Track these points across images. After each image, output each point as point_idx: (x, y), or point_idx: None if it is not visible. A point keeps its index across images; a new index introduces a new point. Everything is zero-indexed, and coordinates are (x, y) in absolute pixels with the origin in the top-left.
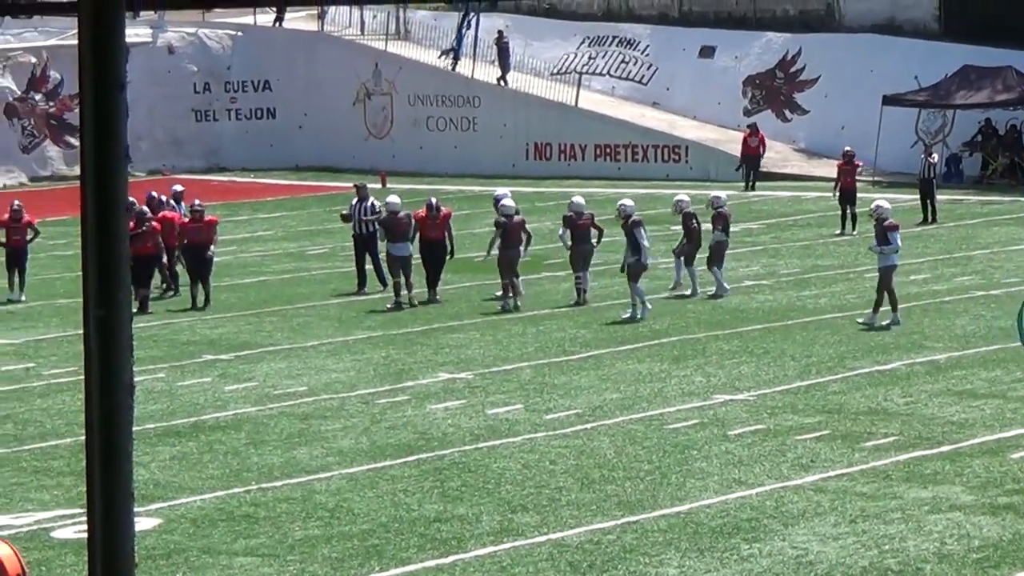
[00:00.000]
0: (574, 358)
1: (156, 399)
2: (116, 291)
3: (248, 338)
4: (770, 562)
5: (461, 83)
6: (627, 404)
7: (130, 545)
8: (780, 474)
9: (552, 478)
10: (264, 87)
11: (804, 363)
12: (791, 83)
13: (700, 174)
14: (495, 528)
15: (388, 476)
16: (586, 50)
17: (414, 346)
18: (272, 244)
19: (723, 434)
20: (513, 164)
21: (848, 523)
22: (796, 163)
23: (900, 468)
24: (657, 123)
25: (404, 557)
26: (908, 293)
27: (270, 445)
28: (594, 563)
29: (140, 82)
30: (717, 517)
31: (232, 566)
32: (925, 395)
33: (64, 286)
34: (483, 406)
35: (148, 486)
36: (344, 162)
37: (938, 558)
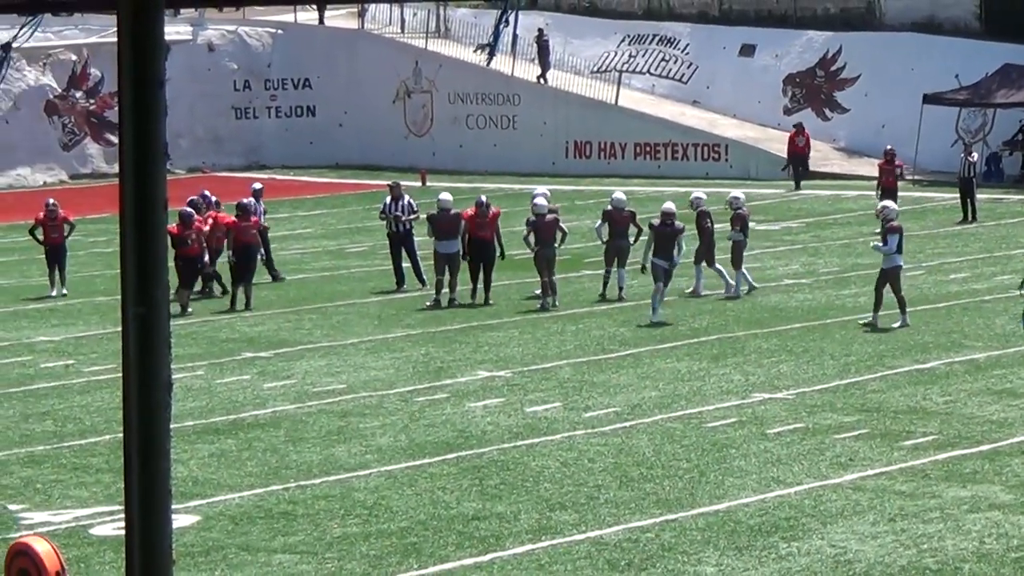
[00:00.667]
0: (613, 356)
1: (195, 396)
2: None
3: (287, 336)
4: (808, 561)
5: (501, 81)
6: (666, 402)
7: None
8: (819, 473)
9: (591, 476)
10: (304, 85)
11: (843, 362)
12: (831, 81)
13: (740, 172)
14: (533, 526)
15: (427, 474)
16: (626, 48)
17: (453, 344)
18: (311, 242)
19: (762, 433)
20: (553, 162)
21: (887, 522)
22: (836, 162)
23: (939, 467)
24: (697, 121)
25: (442, 555)
26: (948, 292)
27: (309, 443)
28: (632, 561)
29: (180, 80)
30: (755, 515)
31: (270, 563)
32: (964, 394)
33: (104, 283)
34: (522, 404)
35: (187, 483)
36: (384, 160)
37: (977, 557)
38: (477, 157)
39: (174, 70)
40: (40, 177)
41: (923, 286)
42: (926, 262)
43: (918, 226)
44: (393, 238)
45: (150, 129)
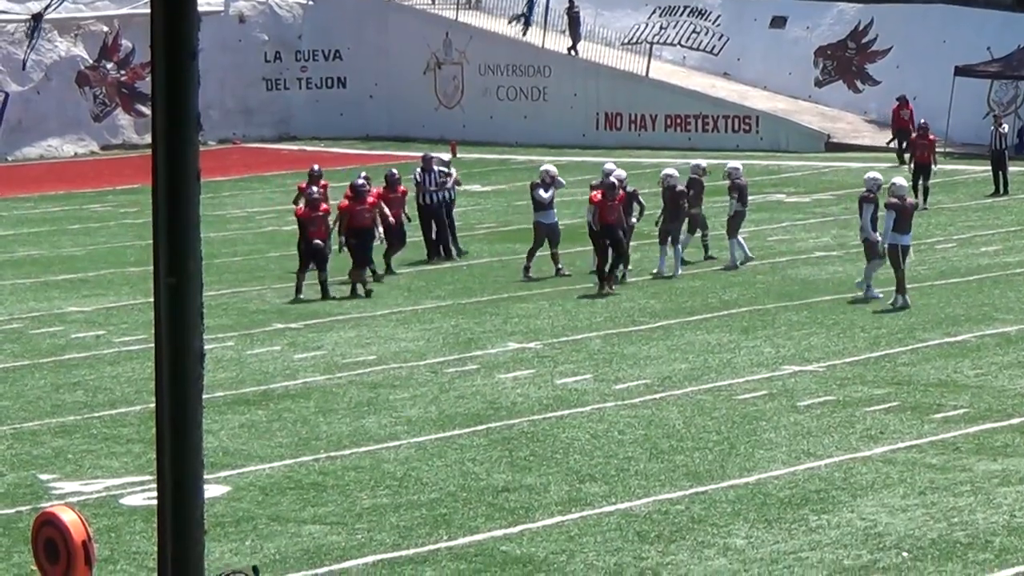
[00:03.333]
0: (643, 328)
1: (225, 367)
2: (187, 259)
3: (317, 307)
4: (838, 533)
5: (532, 53)
6: (696, 375)
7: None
8: (849, 445)
9: (620, 448)
10: (335, 56)
11: (874, 334)
12: (863, 54)
13: (771, 144)
14: (563, 498)
15: (456, 445)
16: (657, 20)
17: (483, 315)
18: None
19: (792, 405)
20: (583, 134)
21: (917, 495)
22: (867, 134)
23: (970, 440)
24: (728, 93)
25: (472, 526)
26: (979, 265)
27: (339, 414)
28: (662, 533)
29: (211, 51)
30: (785, 488)
31: (300, 534)
32: (995, 367)
33: (134, 254)
34: (552, 376)
35: (217, 454)
36: (414, 131)
37: (1007, 531)
38: (507, 129)
39: (205, 41)
40: (71, 148)
41: (954, 259)
42: (957, 235)
43: (950, 199)
44: (424, 210)
45: (183, 100)
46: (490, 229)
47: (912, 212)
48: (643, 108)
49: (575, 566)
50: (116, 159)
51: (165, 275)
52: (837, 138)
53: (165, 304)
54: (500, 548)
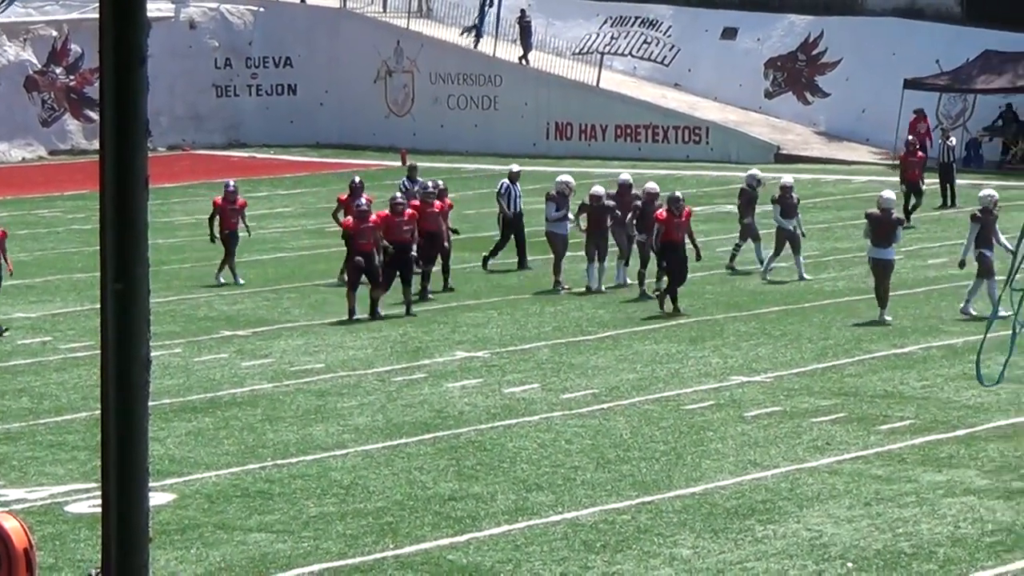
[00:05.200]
0: (591, 338)
1: (172, 374)
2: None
3: (265, 314)
4: (784, 544)
5: (482, 62)
6: (643, 385)
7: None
8: (795, 456)
9: (568, 458)
10: (285, 63)
11: (821, 345)
12: (813, 66)
13: (721, 155)
14: (510, 507)
15: (404, 454)
16: (608, 30)
17: (431, 324)
18: (291, 221)
19: (739, 415)
20: (534, 143)
21: (862, 506)
22: (817, 146)
23: (915, 451)
24: (678, 104)
25: (419, 535)
26: (926, 277)
27: (286, 422)
28: (608, 543)
29: (161, 57)
30: (732, 498)
31: (246, 542)
32: (941, 379)
33: (81, 260)
34: (500, 385)
35: (163, 461)
36: (365, 139)
37: (952, 542)
38: (458, 137)
39: (155, 47)
40: (19, 153)
41: (902, 271)
42: (905, 247)
43: (897, 211)
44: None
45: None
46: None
47: (893, 226)
48: (593, 118)
49: (521, 575)
50: (64, 164)
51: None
52: (787, 150)
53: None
54: (447, 557)
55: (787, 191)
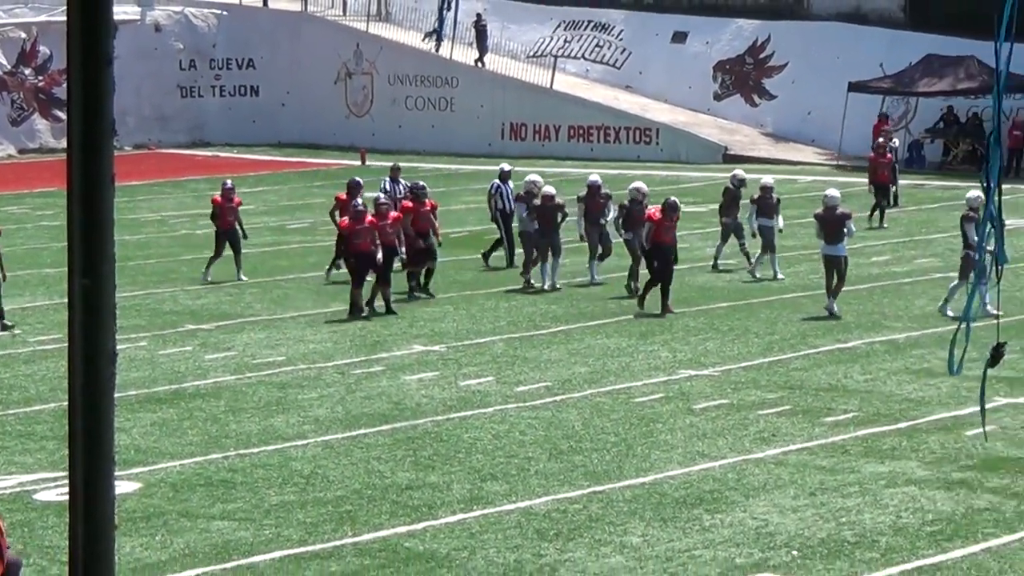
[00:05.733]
0: (544, 333)
1: (138, 367)
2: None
3: (228, 309)
4: (731, 532)
5: (439, 64)
6: (595, 378)
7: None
8: (742, 447)
9: (521, 448)
10: (248, 65)
11: (767, 340)
12: (760, 69)
13: (670, 156)
14: (465, 496)
15: (362, 444)
16: (562, 34)
17: (389, 319)
18: (253, 218)
19: (688, 408)
20: (489, 144)
21: (807, 496)
22: (764, 147)
23: (858, 443)
24: (629, 106)
25: (377, 523)
26: (869, 274)
27: (248, 413)
28: (561, 531)
29: (127, 59)
30: (680, 488)
31: (210, 529)
32: (884, 373)
33: (50, 256)
34: (456, 378)
35: (129, 451)
36: (325, 139)
37: (893, 531)
38: (416, 137)
39: (121, 49)
40: None
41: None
42: (849, 245)
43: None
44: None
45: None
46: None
47: (842, 221)
48: (547, 119)
49: (476, 562)
50: (33, 163)
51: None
52: (734, 150)
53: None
54: (404, 544)
55: (767, 191)
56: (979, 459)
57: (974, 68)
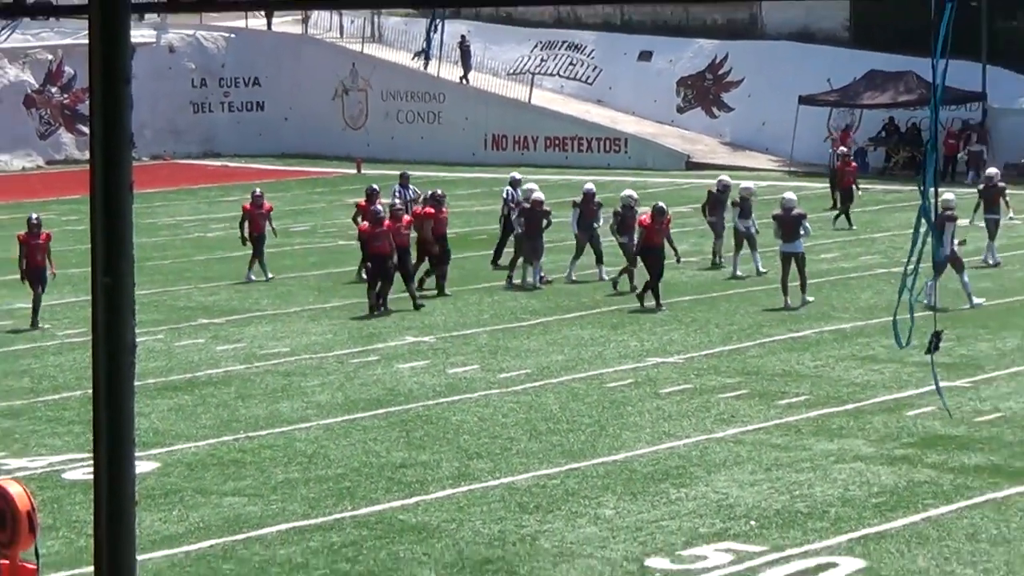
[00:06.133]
0: (525, 325)
1: (156, 358)
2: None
3: (238, 304)
4: (695, 504)
5: (428, 81)
6: (571, 365)
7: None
8: (704, 428)
9: (504, 430)
10: (254, 83)
11: (727, 330)
12: (719, 84)
13: (638, 163)
14: (454, 473)
15: (360, 427)
16: (538, 53)
17: (383, 312)
18: None
19: (655, 392)
20: (473, 153)
21: (764, 471)
22: (722, 155)
23: (810, 423)
24: (601, 118)
25: (373, 498)
26: (819, 269)
27: (256, 399)
28: (540, 504)
29: (144, 78)
30: (649, 465)
31: (222, 504)
32: (833, 359)
33: (76, 257)
34: (444, 366)
35: (148, 434)
36: (324, 150)
37: (842, 502)
38: (407, 148)
39: (139, 69)
40: (19, 163)
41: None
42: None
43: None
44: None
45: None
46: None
47: (798, 221)
48: (526, 131)
49: (464, 533)
50: (60, 173)
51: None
52: (696, 158)
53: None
54: (398, 517)
55: (747, 194)
56: (919, 437)
57: (913, 82)
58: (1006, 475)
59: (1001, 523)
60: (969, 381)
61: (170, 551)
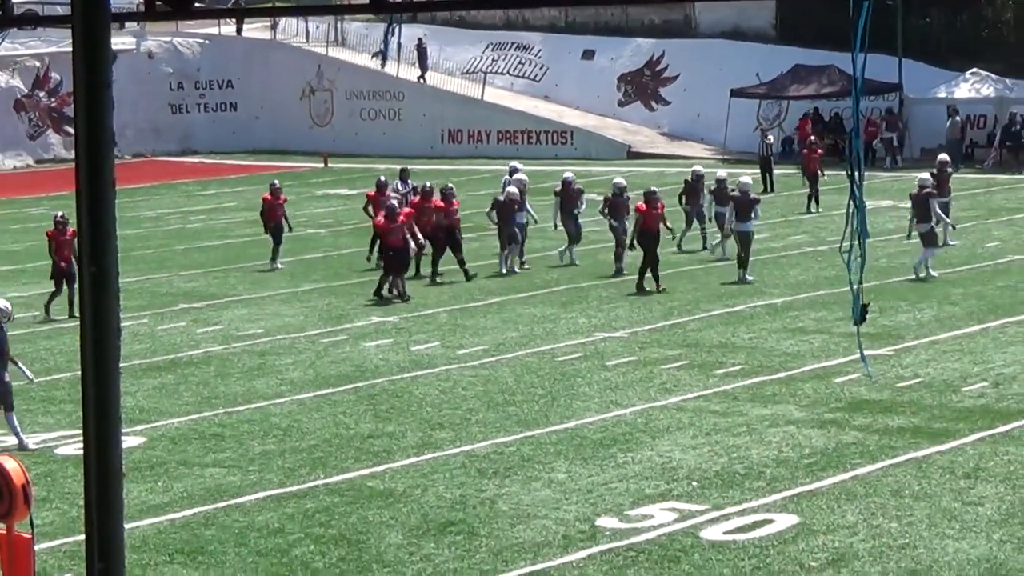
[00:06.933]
0: (481, 304)
1: (140, 340)
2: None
3: (216, 290)
4: (641, 467)
5: (388, 81)
6: (524, 341)
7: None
8: (649, 396)
9: (464, 401)
10: (227, 85)
11: (668, 306)
12: (656, 79)
13: (583, 154)
14: (418, 442)
15: (331, 401)
16: (490, 54)
17: (351, 295)
18: (235, 213)
19: (602, 364)
20: (431, 147)
21: (704, 436)
22: (661, 145)
23: (745, 391)
24: (548, 113)
25: (344, 467)
26: (752, 249)
27: (234, 377)
28: (498, 470)
29: (125, 82)
30: (598, 432)
31: (204, 475)
32: (765, 331)
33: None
34: (407, 344)
35: (134, 411)
36: (293, 146)
37: (776, 463)
38: (370, 143)
39: (120, 74)
40: (11, 162)
41: (731, 244)
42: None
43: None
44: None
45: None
46: (355, 225)
47: (751, 205)
48: (479, 125)
49: (428, 498)
50: (48, 171)
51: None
52: (636, 148)
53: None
54: (367, 484)
55: (721, 183)
56: (846, 402)
57: (835, 75)
58: (926, 436)
59: (922, 480)
60: (892, 349)
61: (156, 519)
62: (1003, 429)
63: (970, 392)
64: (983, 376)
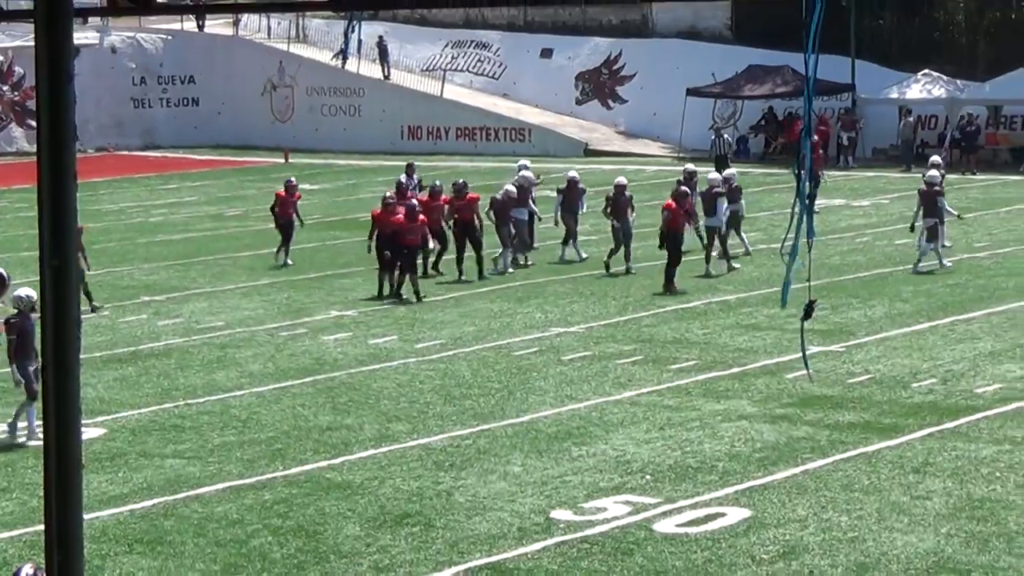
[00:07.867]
0: (439, 299)
1: (101, 332)
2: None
3: (177, 283)
4: (595, 461)
5: (349, 78)
6: (481, 335)
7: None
8: (603, 391)
9: (421, 395)
10: (190, 80)
11: (623, 302)
12: (613, 78)
13: (541, 151)
14: (375, 435)
15: (290, 393)
16: (449, 51)
17: (310, 289)
18: (196, 207)
19: (558, 359)
20: (391, 143)
21: (657, 430)
22: (617, 143)
23: (699, 386)
24: (506, 110)
25: (303, 458)
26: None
27: (194, 369)
28: (455, 462)
29: (88, 76)
30: (553, 425)
31: (164, 466)
32: (719, 328)
33: (27, 242)
34: (366, 337)
35: (95, 402)
36: (255, 141)
37: (728, 457)
38: (330, 139)
39: (83, 68)
40: None
41: (688, 240)
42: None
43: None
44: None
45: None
46: (316, 220)
47: (715, 199)
48: (439, 122)
49: (385, 490)
50: (11, 164)
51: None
52: (593, 145)
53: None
54: (325, 476)
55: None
56: (798, 397)
57: (789, 75)
58: (876, 431)
59: (872, 474)
60: (842, 346)
61: (116, 510)
62: (951, 425)
63: (919, 388)
64: (932, 373)
